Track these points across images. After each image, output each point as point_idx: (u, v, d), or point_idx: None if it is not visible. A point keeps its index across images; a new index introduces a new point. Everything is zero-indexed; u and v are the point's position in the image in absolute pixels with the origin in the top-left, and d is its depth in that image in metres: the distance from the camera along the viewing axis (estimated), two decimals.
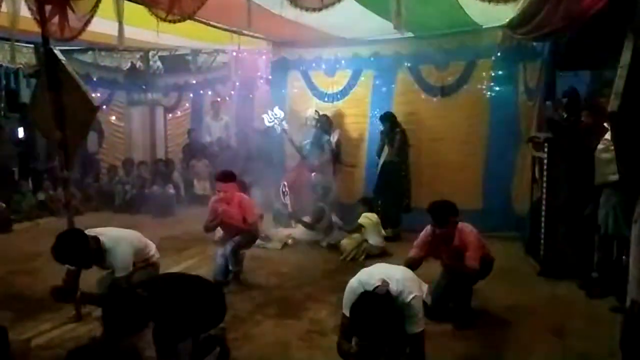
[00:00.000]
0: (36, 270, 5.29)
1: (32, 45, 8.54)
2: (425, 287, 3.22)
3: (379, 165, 6.86)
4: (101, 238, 3.59)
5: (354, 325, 2.73)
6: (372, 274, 2.99)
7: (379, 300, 2.70)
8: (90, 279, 3.96)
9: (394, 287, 2.85)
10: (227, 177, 4.92)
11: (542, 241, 5.10)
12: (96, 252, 3.55)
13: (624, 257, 4.00)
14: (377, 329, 2.60)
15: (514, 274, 5.02)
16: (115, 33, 4.43)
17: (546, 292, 4.62)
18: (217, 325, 3.26)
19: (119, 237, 3.71)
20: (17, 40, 8.14)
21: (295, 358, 3.47)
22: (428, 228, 3.99)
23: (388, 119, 6.78)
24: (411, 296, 2.87)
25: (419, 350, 2.90)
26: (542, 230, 5.08)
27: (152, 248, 4.05)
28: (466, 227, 3.99)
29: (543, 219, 5.08)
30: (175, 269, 5.11)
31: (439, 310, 3.92)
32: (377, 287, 2.83)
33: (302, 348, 3.62)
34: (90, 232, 3.62)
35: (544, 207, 5.08)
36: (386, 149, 6.78)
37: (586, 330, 3.79)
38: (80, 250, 3.43)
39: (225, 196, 4.86)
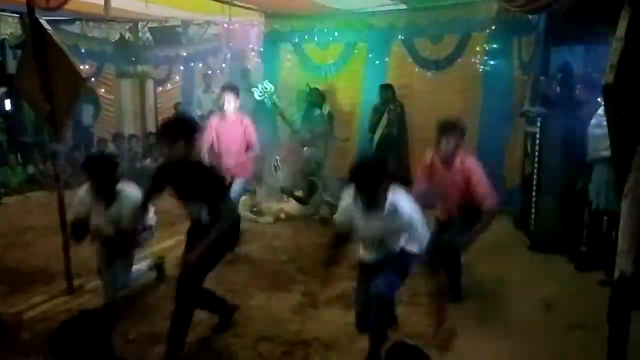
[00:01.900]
0: (27, 243, 5.25)
1: (17, 15, 8.33)
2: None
3: (376, 140, 6.78)
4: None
5: (351, 175, 2.75)
6: None
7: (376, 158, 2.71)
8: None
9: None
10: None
11: (532, 216, 5.14)
12: (114, 189, 3.71)
13: (613, 232, 4.04)
14: (369, 175, 2.69)
15: (504, 248, 5.06)
16: (102, 2, 4.33)
17: (536, 266, 4.67)
18: None
19: (133, 190, 3.78)
20: (2, 10, 7.96)
21: (287, 330, 3.50)
22: (427, 156, 3.90)
23: (390, 87, 6.74)
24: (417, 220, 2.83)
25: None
26: (533, 205, 5.12)
27: (152, 212, 4.06)
28: (468, 156, 3.80)
29: (534, 193, 5.11)
30: (166, 243, 5.12)
31: None
32: None
33: (294, 320, 3.65)
34: None
35: (535, 182, 5.11)
36: (383, 122, 6.69)
37: (574, 303, 3.85)
38: (110, 166, 3.74)
39: (229, 117, 4.65)
